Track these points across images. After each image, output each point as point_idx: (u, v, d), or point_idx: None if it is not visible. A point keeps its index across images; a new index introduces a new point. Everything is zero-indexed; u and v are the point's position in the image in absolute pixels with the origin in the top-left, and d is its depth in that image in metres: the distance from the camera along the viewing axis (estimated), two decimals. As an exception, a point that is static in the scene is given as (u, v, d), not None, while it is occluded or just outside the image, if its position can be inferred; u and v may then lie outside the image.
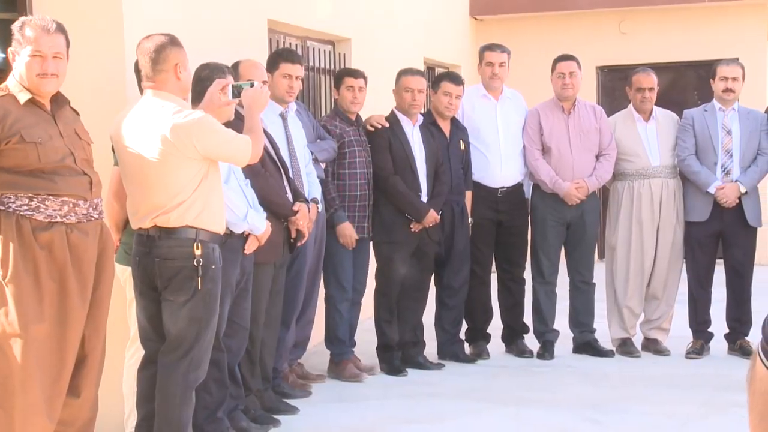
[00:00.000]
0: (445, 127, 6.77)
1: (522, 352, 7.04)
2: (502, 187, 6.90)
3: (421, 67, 9.52)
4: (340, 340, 6.40)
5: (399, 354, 6.62)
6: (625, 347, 7.04)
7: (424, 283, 6.72)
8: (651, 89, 6.96)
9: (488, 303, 7.09)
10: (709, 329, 7.03)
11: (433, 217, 6.45)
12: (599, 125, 6.94)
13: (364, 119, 6.53)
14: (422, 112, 6.69)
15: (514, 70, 7.40)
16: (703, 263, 6.93)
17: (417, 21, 9.79)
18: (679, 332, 7.18)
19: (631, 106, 7.07)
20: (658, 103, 7.11)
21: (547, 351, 6.99)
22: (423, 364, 6.66)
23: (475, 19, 11.85)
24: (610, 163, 6.92)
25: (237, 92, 4.58)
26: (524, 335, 7.15)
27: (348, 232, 6.22)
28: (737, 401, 5.77)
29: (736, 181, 6.73)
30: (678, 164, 6.94)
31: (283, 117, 5.76)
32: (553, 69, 6.96)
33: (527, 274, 7.09)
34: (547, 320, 7.05)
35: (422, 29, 9.92)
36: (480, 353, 6.99)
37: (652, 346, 7.09)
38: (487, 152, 6.90)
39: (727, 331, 7.00)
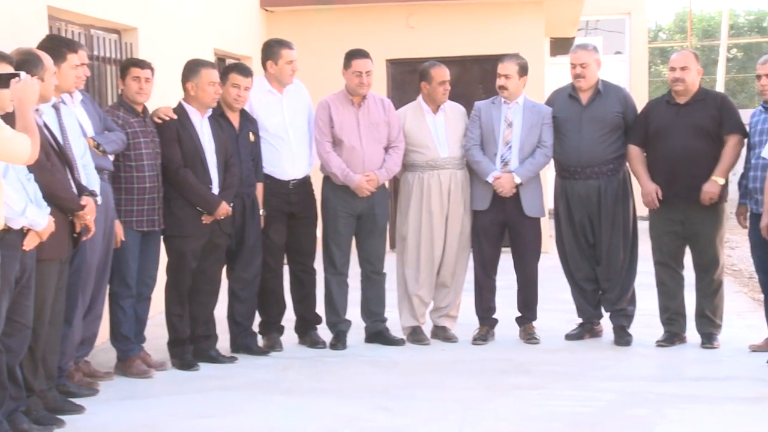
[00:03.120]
0: (234, 119, 6.73)
1: (315, 343, 7.09)
2: (293, 180, 6.93)
3: (211, 58, 9.41)
4: (124, 337, 6.27)
5: (191, 348, 6.54)
6: (416, 335, 7.21)
7: (216, 276, 6.67)
8: (448, 81, 7.14)
9: (281, 294, 7.10)
10: (494, 316, 7.28)
11: (225, 209, 6.41)
12: (388, 118, 7.06)
13: (151, 111, 6.40)
14: None
15: (305, 62, 7.42)
16: (487, 251, 7.17)
17: (206, 11, 9.67)
18: (467, 319, 7.39)
19: (420, 98, 7.22)
20: (448, 95, 7.29)
21: (339, 341, 7.05)
22: (215, 358, 6.61)
23: (266, 10, 11.81)
24: (399, 156, 7.06)
25: (5, 83, 4.39)
26: (317, 326, 7.20)
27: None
28: (519, 383, 6.02)
29: (511, 172, 6.99)
30: (465, 154, 7.15)
31: (57, 108, 5.54)
32: (348, 65, 6.96)
33: (318, 265, 7.14)
34: (339, 311, 7.11)
35: (212, 19, 9.80)
36: (273, 345, 7.00)
37: (441, 333, 7.28)
38: (277, 145, 6.90)
39: (518, 315, 7.27)
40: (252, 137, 6.76)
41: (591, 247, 7.11)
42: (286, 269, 7.13)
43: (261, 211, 6.81)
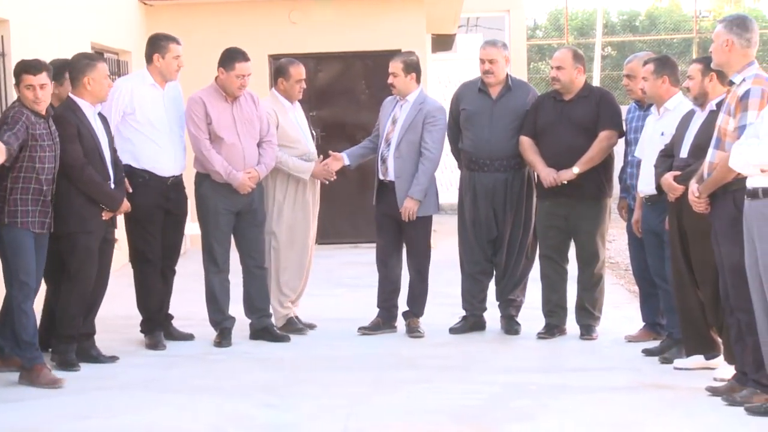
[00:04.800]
0: None
1: (184, 336, 7.09)
2: (173, 176, 6.90)
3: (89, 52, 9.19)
4: (29, 344, 5.89)
5: (74, 347, 6.37)
6: (291, 326, 7.24)
7: (107, 272, 6.56)
8: (304, 80, 7.30)
9: (159, 290, 6.99)
10: (394, 310, 7.29)
11: (126, 205, 6.39)
12: (259, 113, 7.07)
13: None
14: None
15: (185, 57, 7.29)
16: (383, 243, 7.25)
17: (83, 3, 9.44)
18: (356, 314, 7.42)
19: (276, 93, 7.28)
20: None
21: (224, 339, 6.99)
22: (97, 357, 6.46)
23: (145, 3, 11.61)
24: (274, 150, 7.08)
25: None
26: (172, 320, 7.18)
27: None
28: (404, 378, 6.07)
29: (410, 197, 7.00)
30: None
31: None
32: (231, 67, 6.88)
33: (198, 262, 7.08)
34: (223, 308, 7.06)
35: (89, 12, 9.58)
36: (156, 344, 6.88)
37: (293, 320, 7.34)
38: (159, 141, 6.83)
39: (406, 309, 7.30)
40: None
41: (491, 242, 7.20)
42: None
43: None
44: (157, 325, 6.97)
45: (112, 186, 6.33)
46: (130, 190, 6.56)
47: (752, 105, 5.19)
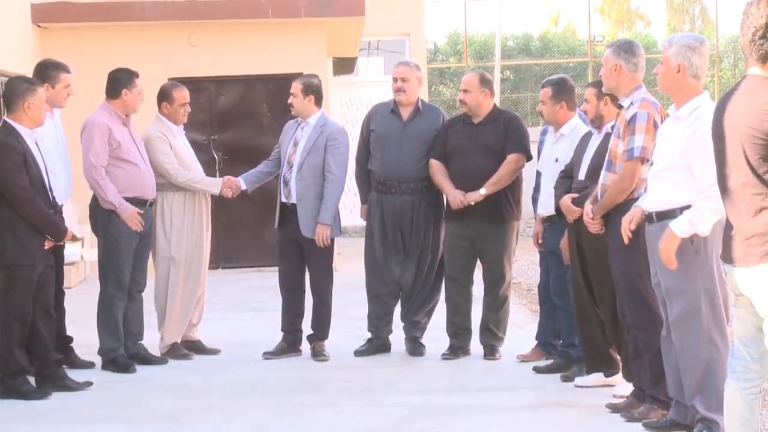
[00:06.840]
0: None
1: (83, 364, 6.89)
2: (62, 204, 6.78)
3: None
4: None
5: (25, 379, 6.15)
6: (175, 351, 7.19)
7: (52, 298, 6.42)
8: (188, 103, 7.31)
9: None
10: (297, 334, 7.26)
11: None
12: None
13: None
14: None
15: (82, 80, 7.23)
16: (285, 267, 7.25)
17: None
18: (260, 338, 7.34)
19: (163, 118, 7.23)
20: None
21: (131, 365, 6.86)
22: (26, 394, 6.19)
23: (39, 26, 11.40)
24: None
25: None
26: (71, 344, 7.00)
27: None
28: (310, 402, 6.06)
29: (320, 222, 7.02)
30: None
31: None
32: (133, 84, 6.90)
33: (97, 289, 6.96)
34: (121, 335, 6.94)
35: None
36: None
37: (197, 345, 7.33)
38: (56, 170, 6.71)
39: (310, 333, 7.29)
40: None
41: (398, 264, 7.22)
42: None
43: None
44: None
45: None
46: None
47: (639, 129, 5.38)
